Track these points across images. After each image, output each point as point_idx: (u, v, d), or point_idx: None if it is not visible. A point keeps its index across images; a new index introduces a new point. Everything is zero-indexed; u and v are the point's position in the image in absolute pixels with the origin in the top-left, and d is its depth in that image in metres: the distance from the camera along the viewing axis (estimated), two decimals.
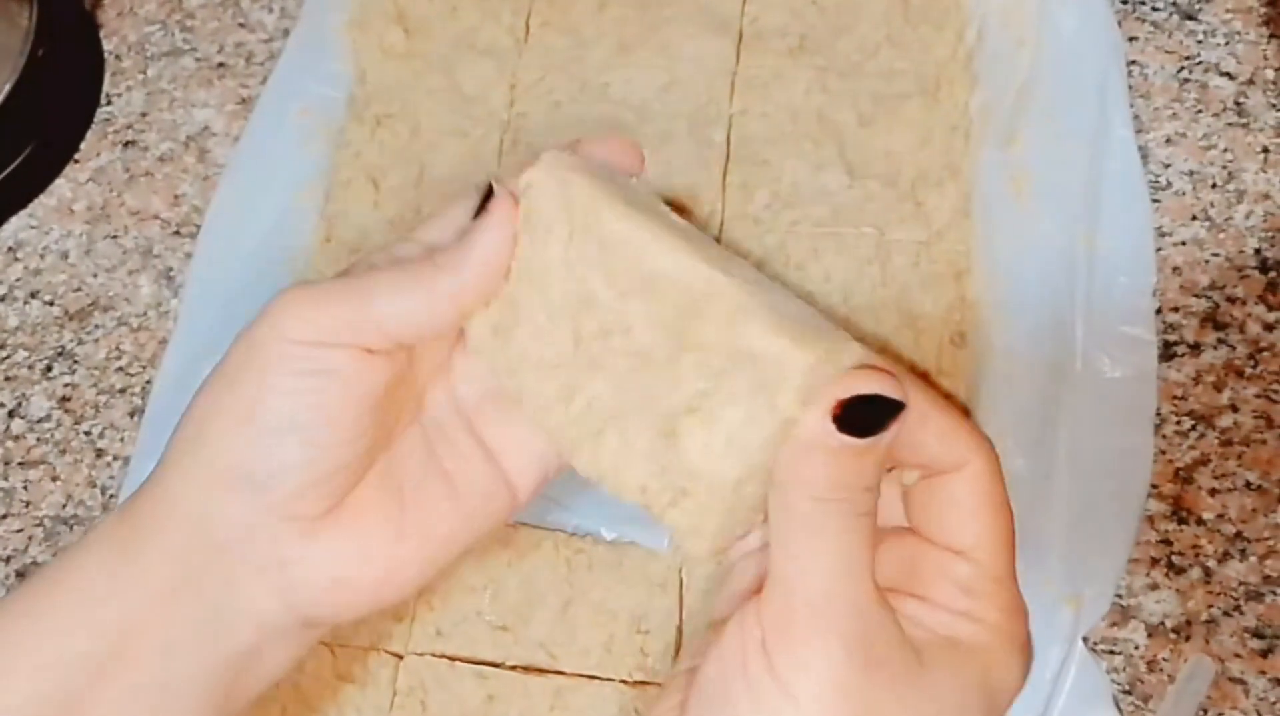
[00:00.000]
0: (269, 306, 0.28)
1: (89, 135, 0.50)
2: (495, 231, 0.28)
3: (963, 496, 0.27)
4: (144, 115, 0.50)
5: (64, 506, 0.43)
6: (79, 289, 0.47)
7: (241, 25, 0.52)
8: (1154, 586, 0.39)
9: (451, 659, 0.39)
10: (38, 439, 0.45)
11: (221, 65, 0.51)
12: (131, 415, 0.44)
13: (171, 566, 0.28)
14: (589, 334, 0.28)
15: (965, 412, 0.34)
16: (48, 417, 0.45)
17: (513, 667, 0.39)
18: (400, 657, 0.39)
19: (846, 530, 0.25)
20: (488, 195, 0.29)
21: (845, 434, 0.25)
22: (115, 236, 0.48)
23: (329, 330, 0.27)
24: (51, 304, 0.47)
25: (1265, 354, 0.41)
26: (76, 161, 0.49)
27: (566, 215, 0.28)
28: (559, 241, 0.28)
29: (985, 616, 0.26)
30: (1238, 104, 0.45)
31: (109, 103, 0.51)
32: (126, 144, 0.50)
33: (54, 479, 0.44)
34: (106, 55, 0.52)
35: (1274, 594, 0.38)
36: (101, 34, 0.52)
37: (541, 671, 0.39)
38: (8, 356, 0.46)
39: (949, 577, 0.27)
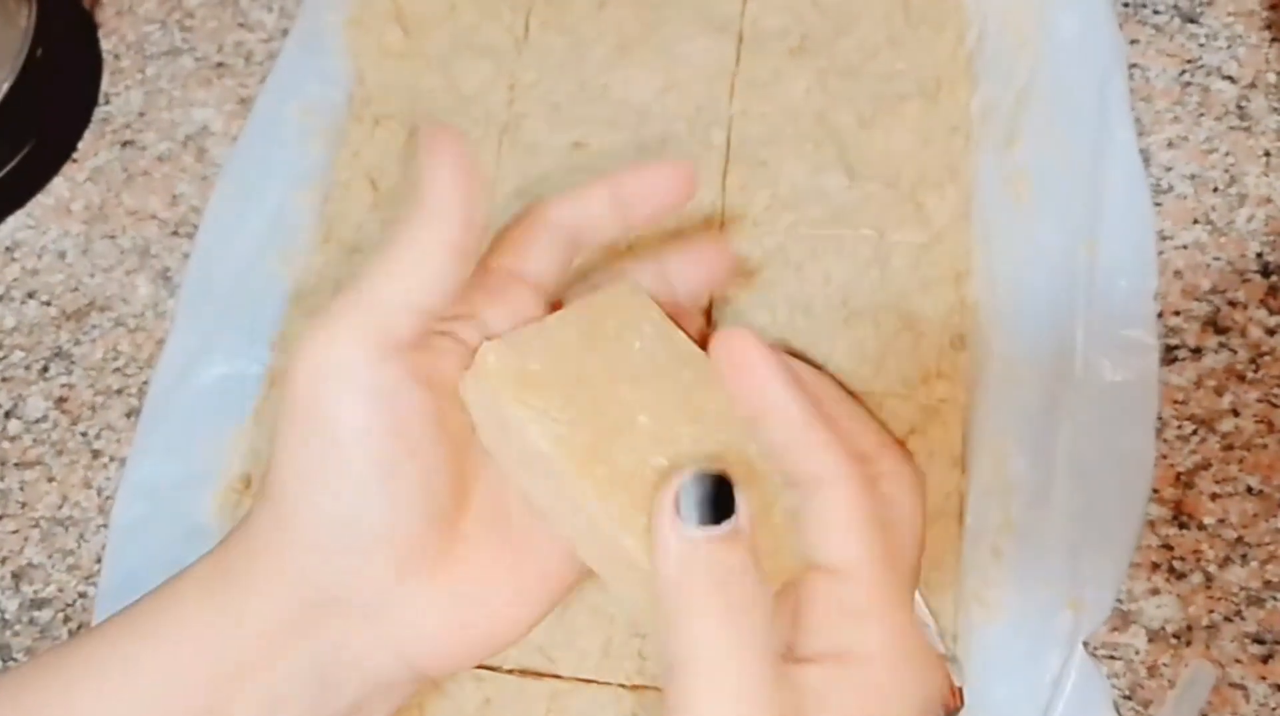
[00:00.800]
0: (313, 330, 0.26)
1: (87, 135, 0.50)
2: (446, 168, 0.27)
3: (831, 513, 0.27)
4: (142, 115, 0.50)
5: (60, 507, 0.43)
6: (76, 289, 0.47)
7: (241, 25, 0.52)
8: (1155, 591, 0.39)
9: None
10: (34, 440, 0.44)
11: (220, 65, 0.51)
12: (128, 416, 0.44)
13: (274, 617, 0.26)
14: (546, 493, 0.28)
15: (884, 428, 0.34)
16: (44, 418, 0.45)
17: (510, 671, 0.39)
18: None
19: (732, 627, 0.24)
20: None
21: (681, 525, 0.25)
22: (113, 236, 0.48)
23: (360, 341, 0.26)
24: (48, 304, 0.47)
25: (1267, 358, 0.41)
26: (74, 161, 0.49)
27: (505, 439, 0.28)
28: (511, 461, 0.28)
29: (868, 640, 0.26)
30: (1239, 107, 0.45)
31: (107, 102, 0.50)
32: (125, 143, 0.50)
33: (50, 480, 0.44)
34: (105, 54, 0.52)
35: (1275, 599, 0.38)
36: (100, 33, 0.52)
37: (539, 675, 0.39)
38: (4, 357, 0.46)
39: (833, 602, 0.26)
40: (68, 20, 0.50)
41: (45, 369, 0.45)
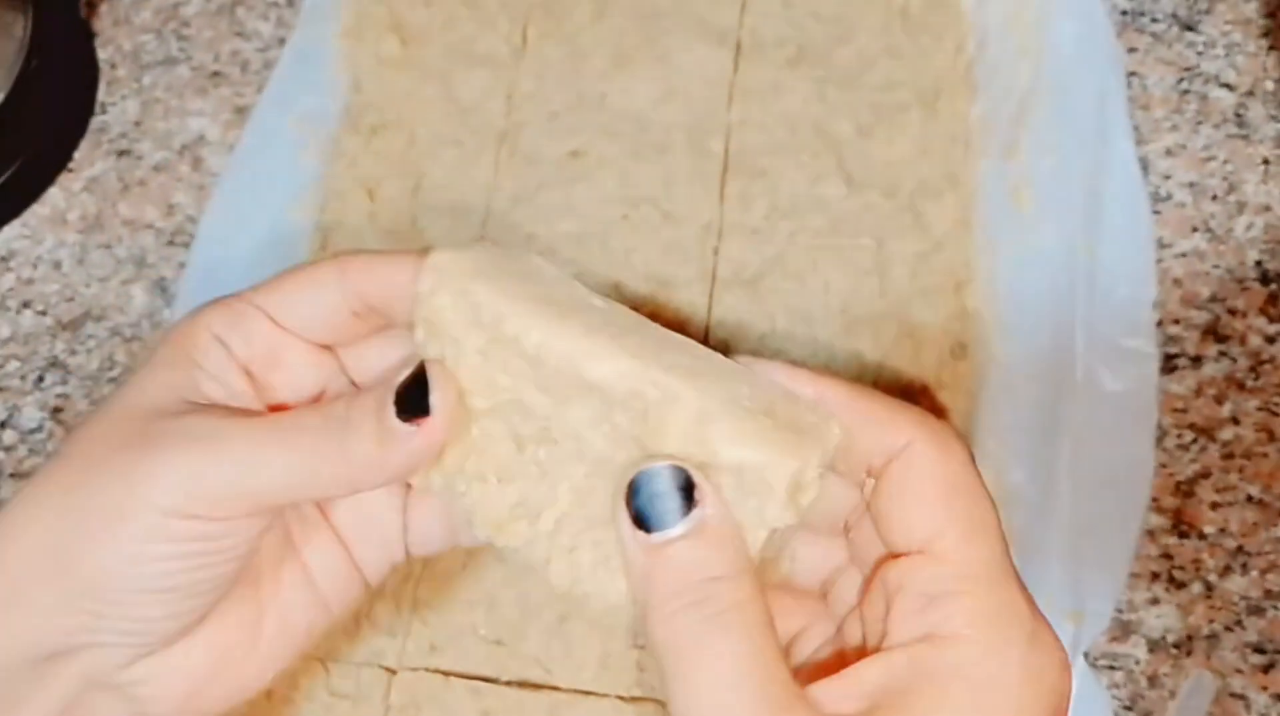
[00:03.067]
0: (142, 467, 0.24)
1: (83, 144, 0.50)
2: (423, 452, 0.25)
3: (909, 485, 0.24)
4: (138, 124, 0.50)
5: None
6: (72, 299, 0.47)
7: (238, 34, 0.51)
8: (1155, 601, 0.39)
9: (445, 674, 0.38)
10: (29, 450, 0.44)
11: (217, 74, 0.51)
12: None
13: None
14: (530, 439, 0.26)
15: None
16: (39, 428, 0.44)
17: (508, 683, 0.38)
18: (394, 673, 0.39)
19: (714, 633, 0.22)
20: (420, 390, 0.25)
21: (640, 531, 0.23)
22: (109, 246, 0.47)
23: (211, 507, 0.24)
24: (44, 314, 0.46)
25: (1266, 366, 0.41)
26: (70, 170, 0.49)
27: (476, 328, 0.26)
28: (474, 352, 0.26)
29: (953, 625, 0.22)
30: (1238, 115, 0.45)
31: (103, 111, 0.50)
32: (121, 153, 0.49)
33: None
34: (101, 64, 0.51)
35: (1275, 608, 0.38)
36: (96, 42, 0.52)
37: (537, 687, 0.38)
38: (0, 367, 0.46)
39: (911, 590, 0.23)
40: (64, 30, 0.50)
41: (40, 379, 0.45)
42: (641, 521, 0.23)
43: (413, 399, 0.25)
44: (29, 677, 0.25)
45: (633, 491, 0.23)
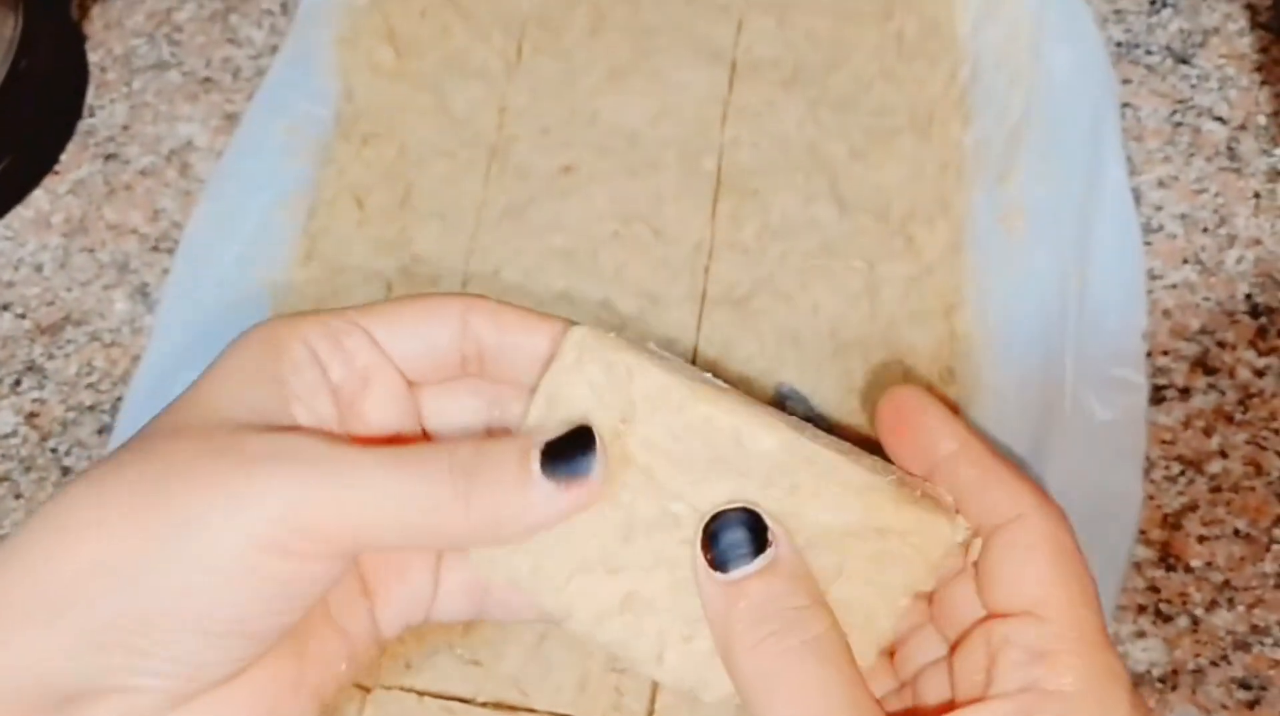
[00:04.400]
0: (241, 486, 0.22)
1: (70, 147, 0.49)
2: (567, 512, 0.24)
3: (1021, 549, 0.26)
4: (126, 128, 0.49)
5: None
6: (52, 303, 0.46)
7: (230, 41, 0.51)
8: (1141, 634, 0.38)
9: (421, 693, 0.38)
10: (2, 455, 0.43)
11: (207, 80, 0.50)
12: (100, 432, 0.43)
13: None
14: (645, 525, 0.25)
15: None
16: (14, 433, 0.44)
17: (483, 704, 0.38)
18: (368, 691, 0.38)
19: (802, 660, 0.23)
20: (578, 447, 0.24)
21: (718, 571, 0.24)
22: (92, 250, 0.47)
23: (306, 541, 0.22)
24: (23, 317, 0.46)
25: (1255, 400, 0.41)
26: (56, 173, 0.49)
27: (616, 404, 0.25)
28: (608, 430, 0.25)
29: (1059, 681, 0.24)
30: (1230, 148, 0.45)
31: (92, 114, 0.50)
32: (108, 157, 0.49)
33: (17, 496, 0.43)
34: (91, 67, 0.51)
35: (1262, 644, 0.38)
36: (87, 45, 0.51)
37: (513, 708, 0.38)
38: None
39: (1018, 646, 0.25)
40: (54, 31, 0.50)
41: (17, 383, 0.45)
42: (718, 564, 0.24)
43: (564, 458, 0.24)
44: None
45: (708, 537, 0.24)
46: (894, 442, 0.29)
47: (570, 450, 0.24)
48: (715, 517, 0.24)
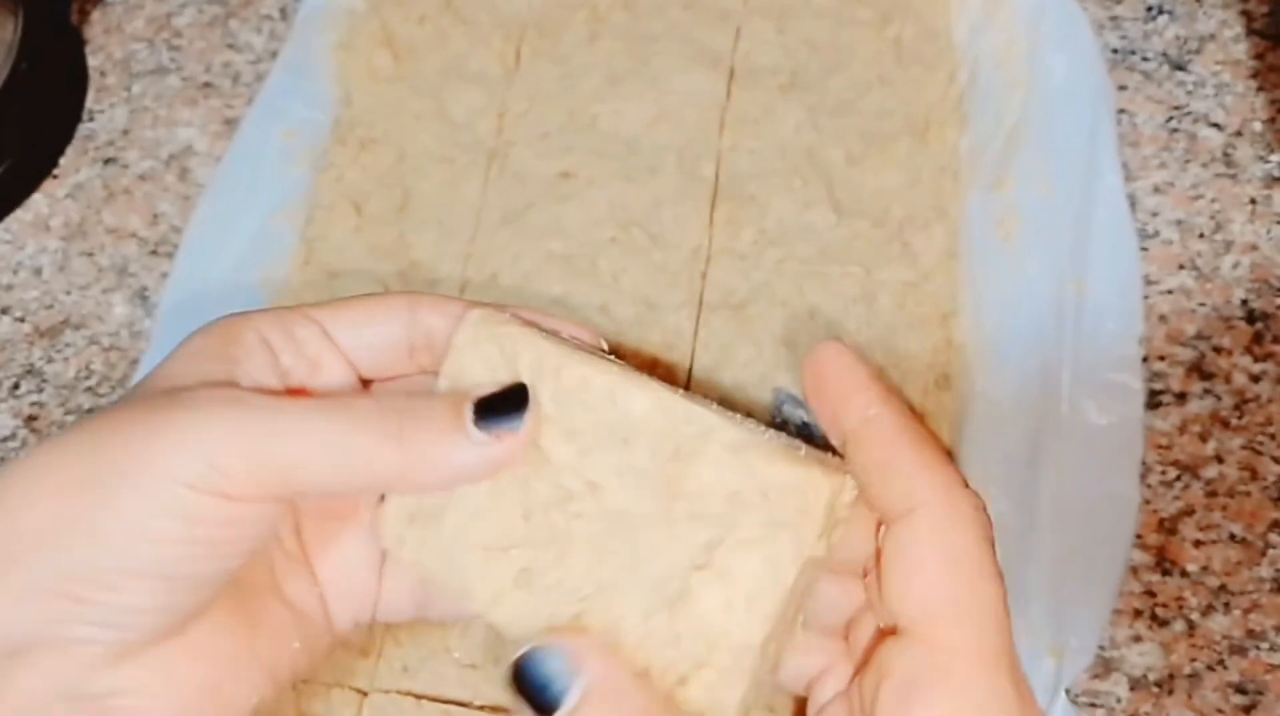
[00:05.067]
0: (165, 426, 0.22)
1: (69, 151, 0.49)
2: (498, 460, 0.25)
3: (909, 552, 0.23)
4: (126, 133, 0.49)
5: None
6: (51, 306, 0.46)
7: (229, 46, 0.51)
8: (1137, 638, 0.38)
9: (418, 697, 0.38)
10: (1, 458, 0.43)
11: (207, 85, 0.50)
12: None
13: None
14: (543, 503, 0.25)
15: (949, 456, 0.29)
16: (12, 437, 0.44)
17: (480, 707, 0.38)
18: (365, 695, 0.38)
19: None
20: (512, 403, 0.25)
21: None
22: (91, 254, 0.47)
23: (234, 481, 0.23)
24: (22, 320, 0.46)
25: (1251, 405, 0.41)
26: (55, 177, 0.49)
27: (506, 375, 0.26)
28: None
29: (954, 709, 0.21)
30: (1226, 155, 0.45)
31: (91, 119, 0.50)
32: (107, 161, 0.49)
33: None
34: (91, 71, 0.51)
35: (1258, 648, 0.38)
36: (87, 50, 0.52)
37: (510, 712, 0.38)
38: None
39: (894, 675, 0.22)
40: (54, 36, 0.50)
41: (16, 386, 0.45)
42: (538, 705, 0.22)
43: (497, 412, 0.24)
44: None
45: (518, 677, 0.23)
46: (815, 405, 0.26)
47: (504, 404, 0.25)
48: (520, 658, 0.23)
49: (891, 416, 0.24)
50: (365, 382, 0.29)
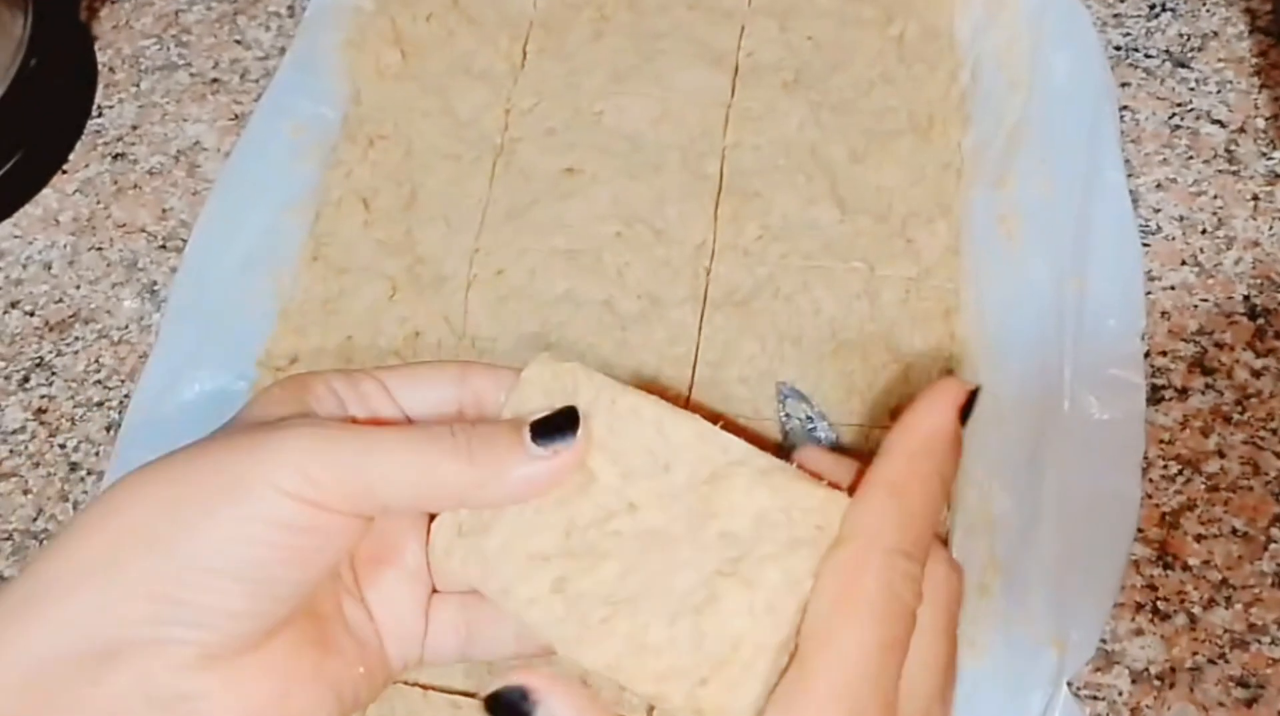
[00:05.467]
0: (264, 441, 0.25)
1: (78, 146, 0.50)
2: (556, 473, 0.27)
3: (823, 573, 0.25)
4: (135, 128, 0.50)
5: (34, 520, 0.43)
6: (60, 300, 0.46)
7: (238, 42, 0.52)
8: (1139, 632, 0.38)
9: (425, 688, 0.38)
10: (10, 451, 0.44)
11: (215, 81, 0.51)
12: (108, 429, 0.44)
13: (27, 678, 0.23)
14: (584, 521, 0.27)
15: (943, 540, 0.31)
16: (22, 429, 0.44)
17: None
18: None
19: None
20: (564, 423, 0.27)
21: None
22: (100, 248, 0.47)
23: (325, 491, 0.25)
24: (32, 314, 0.46)
25: (1253, 400, 0.41)
26: (64, 172, 0.49)
27: (563, 403, 0.28)
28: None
29: None
30: (1228, 151, 0.45)
31: (100, 114, 0.50)
32: (116, 156, 0.49)
33: (25, 492, 0.43)
34: (100, 67, 0.51)
35: (1259, 642, 0.38)
36: (96, 46, 0.52)
37: None
38: None
39: (778, 700, 0.24)
40: (63, 32, 0.50)
41: (26, 379, 0.45)
42: None
43: (552, 430, 0.27)
44: (70, 681, 0.23)
45: (491, 707, 0.24)
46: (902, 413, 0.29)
47: (558, 424, 0.27)
48: (492, 695, 0.24)
49: (907, 463, 0.26)
50: None
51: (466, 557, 0.28)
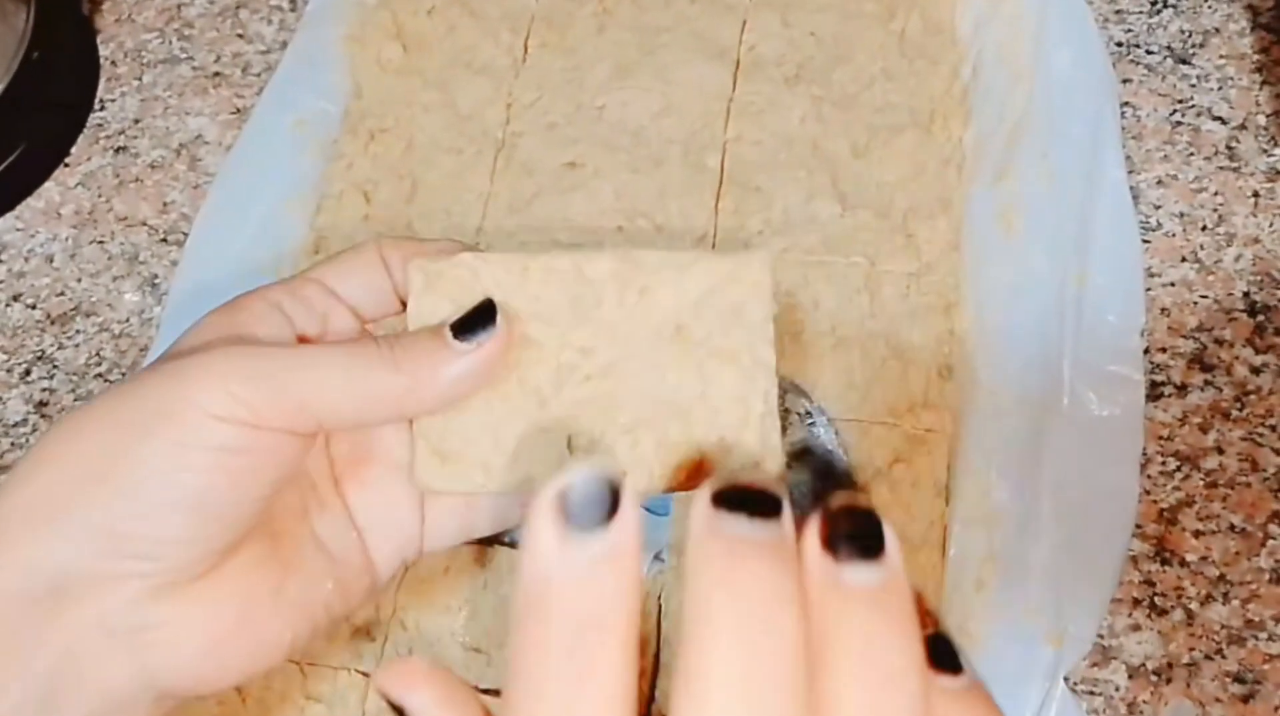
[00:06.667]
0: (189, 367, 0.25)
1: (80, 139, 0.50)
2: (486, 362, 0.26)
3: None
4: (137, 122, 0.50)
5: None
6: (62, 293, 0.47)
7: (240, 36, 0.52)
8: (1136, 627, 0.39)
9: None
10: (11, 443, 0.44)
11: (218, 75, 0.51)
12: None
13: None
14: (551, 385, 0.27)
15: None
16: (23, 422, 0.44)
17: (486, 691, 0.38)
18: (370, 677, 0.38)
19: None
20: (483, 316, 0.26)
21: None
22: (101, 242, 0.47)
23: (255, 411, 0.25)
24: (33, 307, 0.46)
25: (1252, 397, 0.41)
26: (66, 165, 0.49)
27: (471, 298, 0.27)
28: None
29: None
30: (1229, 148, 0.45)
31: (102, 108, 0.50)
32: (118, 149, 0.49)
33: None
34: (102, 61, 0.52)
35: (1256, 638, 0.38)
36: (98, 39, 0.52)
37: None
38: None
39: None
40: (66, 25, 0.50)
41: (27, 372, 0.45)
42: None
43: (472, 326, 0.26)
44: (28, 618, 0.23)
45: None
46: None
47: (476, 316, 0.27)
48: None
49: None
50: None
51: (463, 477, 0.28)
